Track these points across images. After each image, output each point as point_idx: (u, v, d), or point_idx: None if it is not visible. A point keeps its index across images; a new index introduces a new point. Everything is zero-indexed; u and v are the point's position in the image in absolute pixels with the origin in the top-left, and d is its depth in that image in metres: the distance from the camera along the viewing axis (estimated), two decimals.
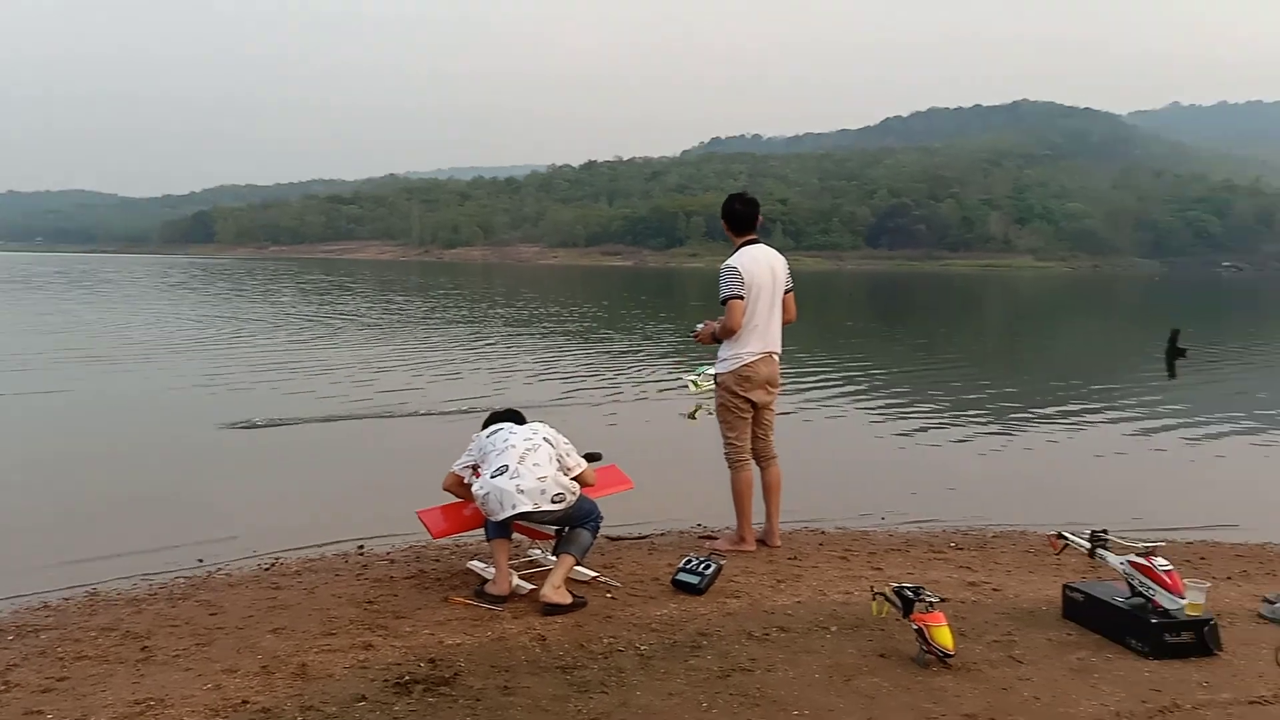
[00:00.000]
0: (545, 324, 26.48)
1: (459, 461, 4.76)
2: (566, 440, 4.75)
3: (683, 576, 4.74)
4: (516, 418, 4.94)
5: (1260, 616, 4.40)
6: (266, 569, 5.41)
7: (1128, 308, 45.92)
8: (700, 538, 5.99)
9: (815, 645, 3.96)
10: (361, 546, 5.86)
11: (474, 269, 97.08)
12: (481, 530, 4.70)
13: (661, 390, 13.64)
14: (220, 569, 5.44)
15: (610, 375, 15.16)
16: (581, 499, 4.65)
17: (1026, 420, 11.76)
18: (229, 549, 5.85)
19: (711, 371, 6.19)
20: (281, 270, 74.44)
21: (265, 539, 6.04)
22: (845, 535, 6.31)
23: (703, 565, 4.77)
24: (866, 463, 9.40)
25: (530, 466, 4.51)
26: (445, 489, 4.84)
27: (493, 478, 4.49)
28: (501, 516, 4.46)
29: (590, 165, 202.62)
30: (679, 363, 16.59)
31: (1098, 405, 13.02)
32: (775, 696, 3.44)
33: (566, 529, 4.65)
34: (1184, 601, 3.90)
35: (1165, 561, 4.03)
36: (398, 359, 16.88)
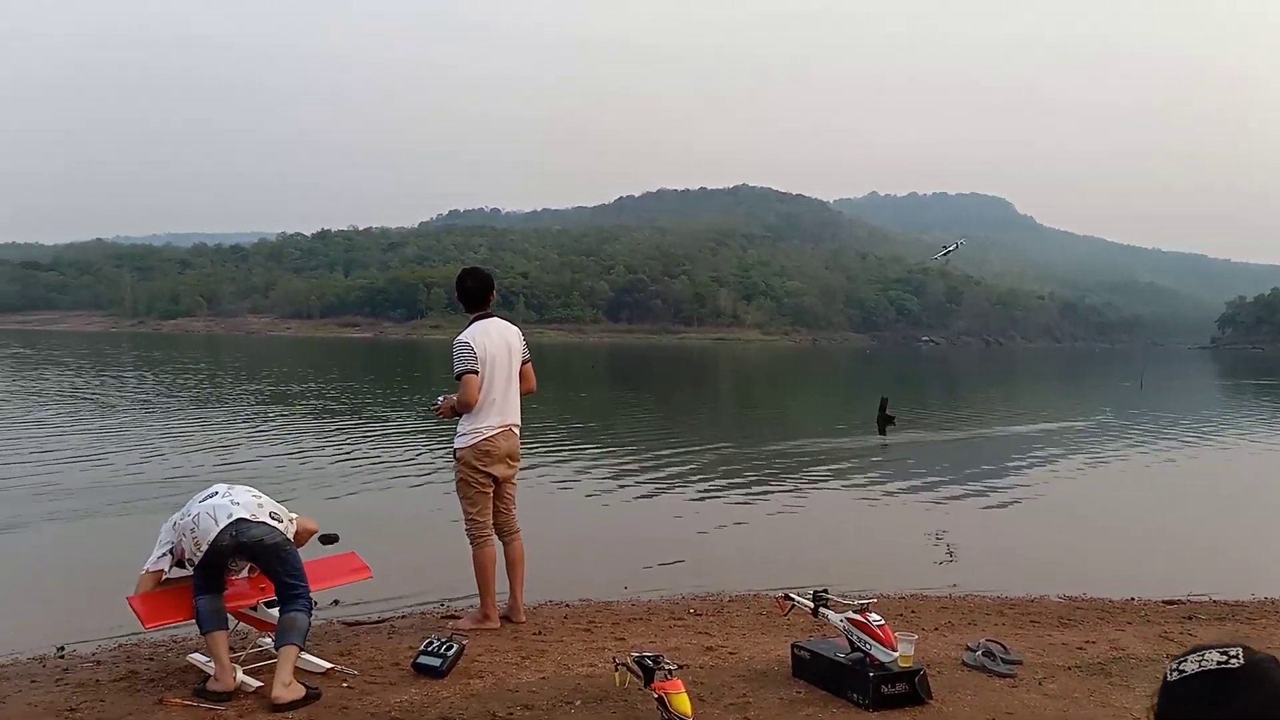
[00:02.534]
0: (277, 400, 25.15)
1: (151, 557, 4.42)
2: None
3: (424, 659, 4.59)
4: None
5: (964, 664, 4.82)
6: None
7: (843, 377, 49.74)
8: (443, 618, 5.84)
9: None
10: (62, 649, 5.25)
11: (196, 341, 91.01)
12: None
13: (405, 465, 13.26)
14: None
15: (350, 451, 14.58)
16: (294, 551, 4.45)
17: (759, 487, 12.38)
18: None
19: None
20: None
21: None
22: (589, 607, 6.34)
23: (445, 646, 4.63)
24: (611, 533, 9.54)
25: (241, 490, 4.46)
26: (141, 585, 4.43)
27: (202, 503, 4.34)
28: (217, 531, 4.20)
29: (324, 234, 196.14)
30: (424, 436, 16.23)
31: (820, 470, 13.94)
32: None
33: (279, 615, 4.38)
34: (896, 654, 4.21)
35: (879, 617, 4.34)
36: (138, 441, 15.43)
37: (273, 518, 4.38)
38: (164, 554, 4.39)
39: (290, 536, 4.43)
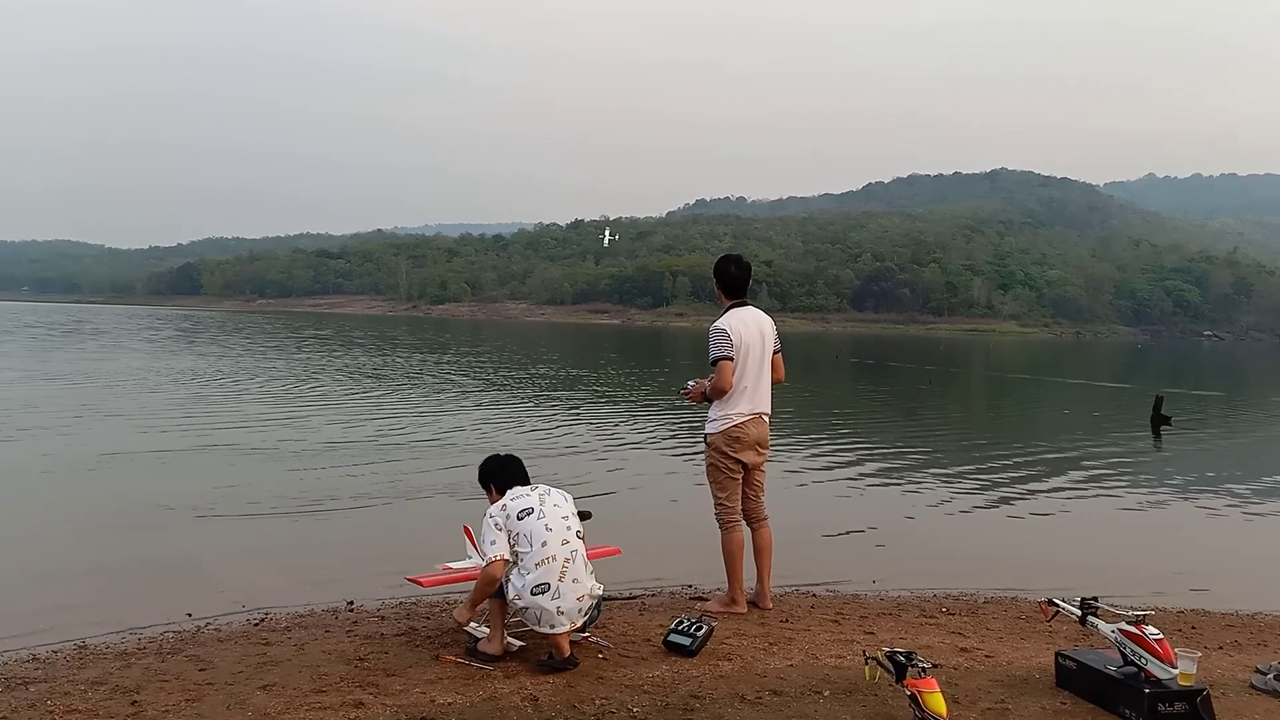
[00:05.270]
0: (539, 383, 26.51)
1: (493, 546, 4.41)
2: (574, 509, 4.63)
3: (674, 638, 4.73)
4: (517, 467, 4.82)
5: (1252, 687, 4.41)
6: (256, 624, 5.37)
7: (1112, 374, 46.27)
8: (691, 599, 5.97)
9: (808, 710, 3.94)
10: (352, 603, 5.83)
11: (463, 325, 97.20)
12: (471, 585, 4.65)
13: (655, 448, 13.63)
14: (209, 624, 5.40)
15: (602, 433, 15.16)
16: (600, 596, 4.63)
17: (1017, 487, 11.79)
18: (218, 604, 5.81)
19: None
20: (291, 324, 74.19)
21: (254, 595, 6.00)
22: (836, 598, 6.30)
23: (694, 627, 4.75)
24: (858, 525, 9.37)
25: (570, 584, 4.36)
26: (488, 580, 4.47)
27: (533, 594, 4.32)
28: (540, 631, 4.37)
29: (578, 224, 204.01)
30: (670, 420, 16.62)
31: (1086, 472, 13.08)
32: None
33: None
34: (1176, 671, 3.91)
35: (1156, 630, 4.04)
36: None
37: (584, 614, 4.45)
38: (495, 541, 4.42)
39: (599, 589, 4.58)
